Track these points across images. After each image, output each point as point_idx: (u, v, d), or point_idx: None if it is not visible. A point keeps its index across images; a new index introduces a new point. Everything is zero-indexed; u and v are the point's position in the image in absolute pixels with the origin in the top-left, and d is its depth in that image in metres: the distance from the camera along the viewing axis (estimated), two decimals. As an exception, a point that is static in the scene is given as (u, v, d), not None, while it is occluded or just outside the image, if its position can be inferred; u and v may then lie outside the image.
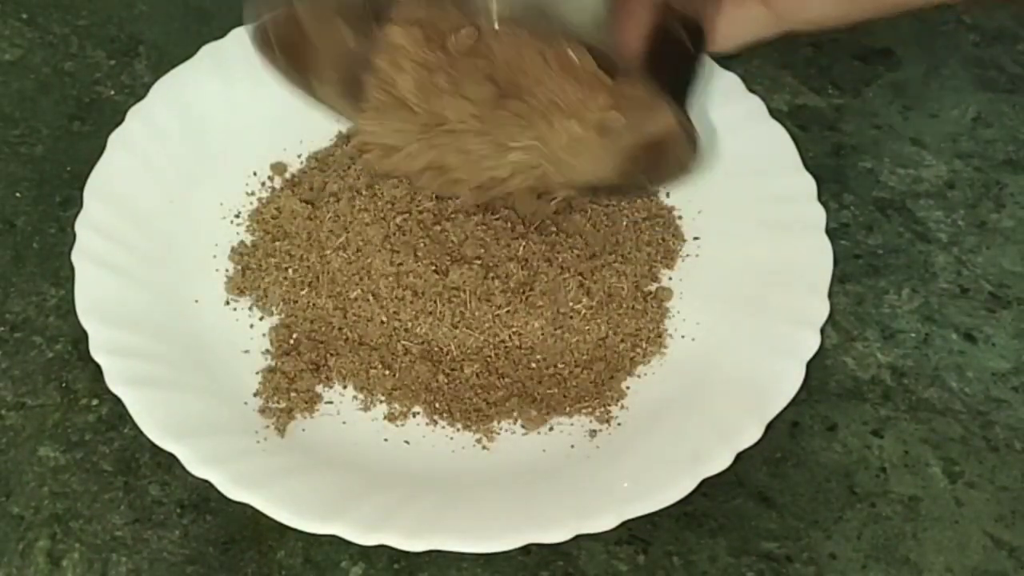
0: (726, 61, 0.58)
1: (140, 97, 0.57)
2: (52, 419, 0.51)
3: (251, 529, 0.48)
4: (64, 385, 0.52)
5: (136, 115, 0.56)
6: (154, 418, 0.48)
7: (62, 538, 0.48)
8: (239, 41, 0.58)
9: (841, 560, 0.49)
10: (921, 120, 0.56)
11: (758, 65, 0.63)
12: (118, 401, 0.48)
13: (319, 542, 0.48)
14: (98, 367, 0.49)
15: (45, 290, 0.54)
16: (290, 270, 0.53)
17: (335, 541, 0.47)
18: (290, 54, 0.50)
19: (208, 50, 0.58)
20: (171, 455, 0.47)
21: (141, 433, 0.48)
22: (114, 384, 0.48)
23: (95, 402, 0.51)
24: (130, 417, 0.48)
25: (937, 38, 0.65)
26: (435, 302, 0.51)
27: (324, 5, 0.49)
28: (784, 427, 0.51)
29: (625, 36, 0.46)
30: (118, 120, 0.56)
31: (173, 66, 0.58)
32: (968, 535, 0.49)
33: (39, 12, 0.64)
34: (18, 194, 0.57)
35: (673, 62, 0.47)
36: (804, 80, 0.63)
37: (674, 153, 0.50)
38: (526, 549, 0.47)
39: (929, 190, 0.59)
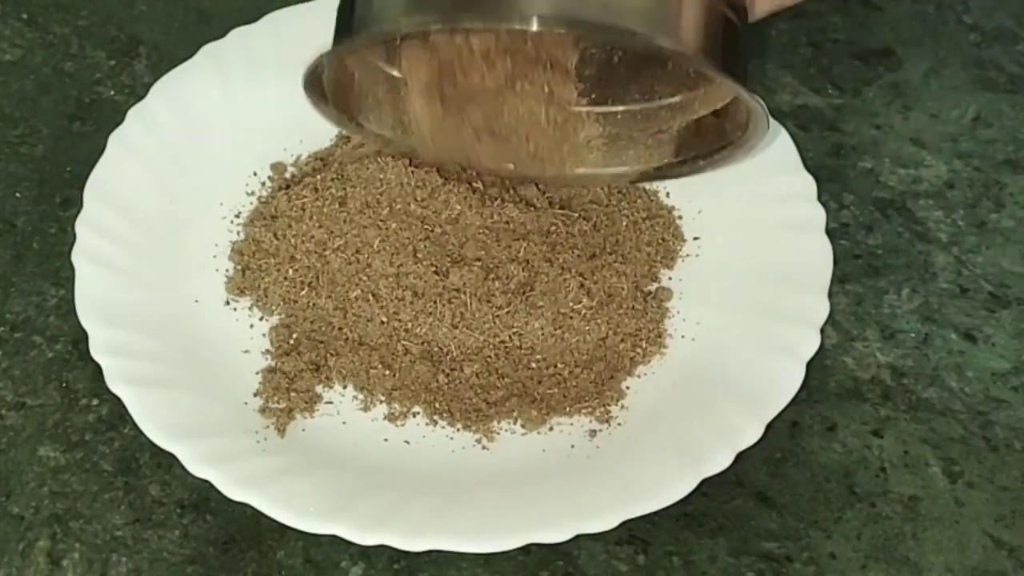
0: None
1: (140, 97, 0.57)
2: (52, 419, 0.51)
3: (251, 529, 0.48)
4: (64, 385, 0.52)
5: (136, 115, 0.56)
6: (154, 418, 0.48)
7: (62, 538, 0.48)
8: (239, 41, 0.59)
9: (841, 560, 0.49)
10: (921, 120, 0.56)
11: (758, 65, 0.63)
12: (118, 401, 0.48)
13: (319, 542, 0.48)
14: (98, 367, 0.49)
15: (45, 290, 0.54)
16: (290, 270, 0.53)
17: (335, 541, 0.47)
18: (338, 98, 0.52)
19: (208, 50, 0.58)
20: (171, 455, 0.47)
21: (141, 433, 0.48)
22: (114, 384, 0.49)
23: (95, 402, 0.51)
24: (130, 417, 0.48)
25: (937, 38, 0.65)
26: (435, 303, 0.51)
27: (366, 49, 0.51)
28: (784, 427, 0.51)
29: (680, 19, 0.46)
30: (118, 120, 0.56)
31: (173, 66, 0.58)
32: (968, 535, 0.49)
33: (39, 12, 0.64)
34: (18, 194, 0.57)
35: (724, 40, 0.47)
36: (804, 80, 0.63)
37: (735, 125, 0.51)
38: (526, 549, 0.47)
39: (929, 190, 0.59)
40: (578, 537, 0.46)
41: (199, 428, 0.48)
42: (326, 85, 0.51)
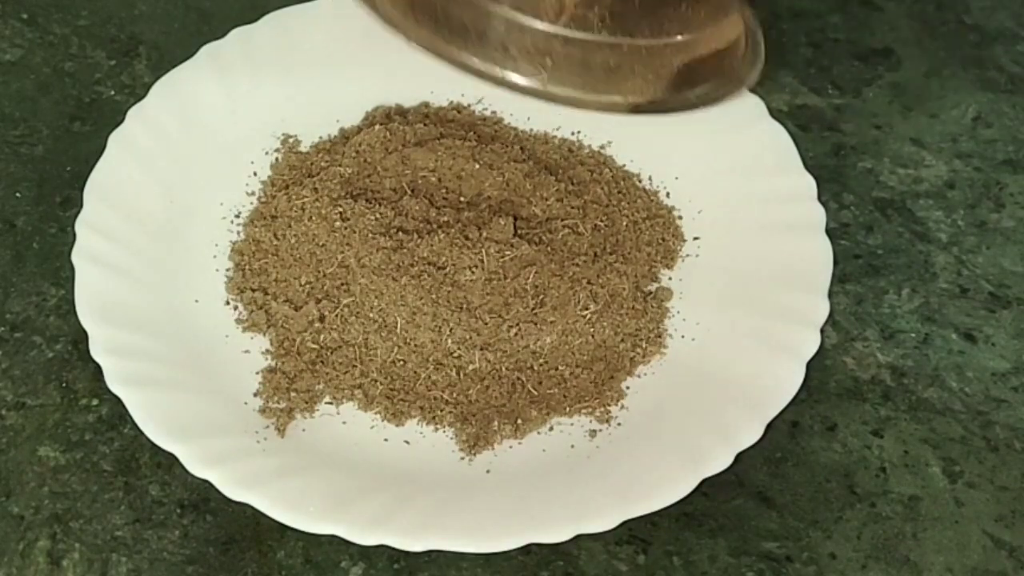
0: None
1: (140, 97, 0.57)
2: (52, 419, 0.51)
3: (251, 529, 0.48)
4: (64, 385, 0.52)
5: (136, 115, 0.56)
6: (154, 418, 0.48)
7: (62, 538, 0.48)
8: (239, 41, 0.59)
9: (841, 560, 0.49)
10: (921, 120, 0.56)
11: (758, 65, 0.63)
12: (118, 401, 0.48)
13: (319, 542, 0.48)
14: (98, 367, 0.49)
15: (45, 290, 0.54)
16: (290, 271, 0.53)
17: (335, 541, 0.47)
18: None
19: (208, 50, 0.58)
20: (171, 455, 0.47)
21: (141, 433, 0.48)
22: (114, 384, 0.48)
23: (95, 402, 0.51)
24: (130, 417, 0.48)
25: (937, 38, 0.65)
26: (441, 316, 0.51)
27: None
28: (784, 427, 0.51)
29: None
30: (118, 120, 0.56)
31: (173, 66, 0.58)
32: (968, 535, 0.49)
33: (39, 12, 0.64)
34: (18, 194, 0.57)
35: None
36: (804, 80, 0.63)
37: (732, 64, 0.52)
38: (526, 549, 0.47)
39: (929, 190, 0.59)
40: (578, 537, 0.46)
41: (199, 428, 0.48)
42: None
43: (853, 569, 0.48)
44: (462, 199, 0.55)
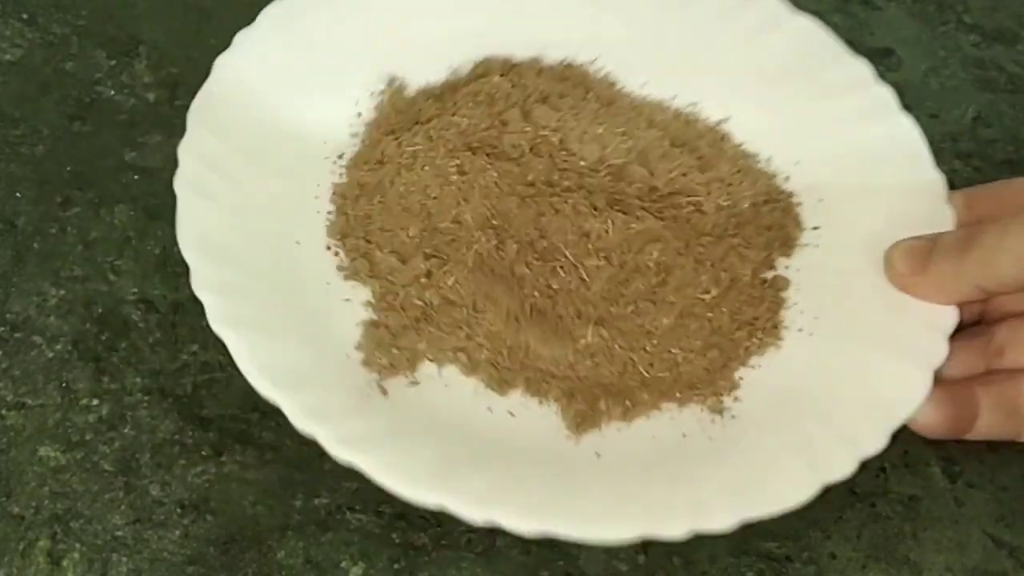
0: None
1: (140, 97, 0.57)
2: (52, 419, 0.51)
3: (251, 529, 0.48)
4: (64, 385, 0.52)
5: (243, 40, 0.53)
6: (258, 364, 0.45)
7: (62, 538, 0.48)
8: None
9: (841, 560, 0.49)
10: (921, 120, 0.56)
11: (758, 65, 0.63)
12: (118, 401, 0.48)
13: (319, 542, 0.48)
14: (98, 366, 0.49)
15: (45, 290, 0.54)
16: (397, 222, 0.51)
17: (335, 541, 0.47)
18: None
19: None
20: (171, 454, 0.47)
21: (141, 433, 0.48)
22: (217, 324, 0.45)
23: (95, 402, 0.51)
24: (131, 418, 0.48)
25: (937, 38, 0.65)
26: (554, 291, 0.49)
27: None
28: (784, 427, 0.51)
29: None
30: (118, 120, 0.56)
31: (173, 66, 0.58)
32: (968, 535, 0.49)
33: (39, 12, 0.64)
34: (18, 194, 0.57)
35: None
36: (804, 80, 0.63)
37: None
38: (526, 549, 0.47)
39: (929, 190, 0.59)
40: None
41: (303, 379, 0.45)
42: None
43: (853, 569, 0.48)
44: (582, 163, 0.52)
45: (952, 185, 0.59)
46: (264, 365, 0.44)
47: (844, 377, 0.48)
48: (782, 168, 0.55)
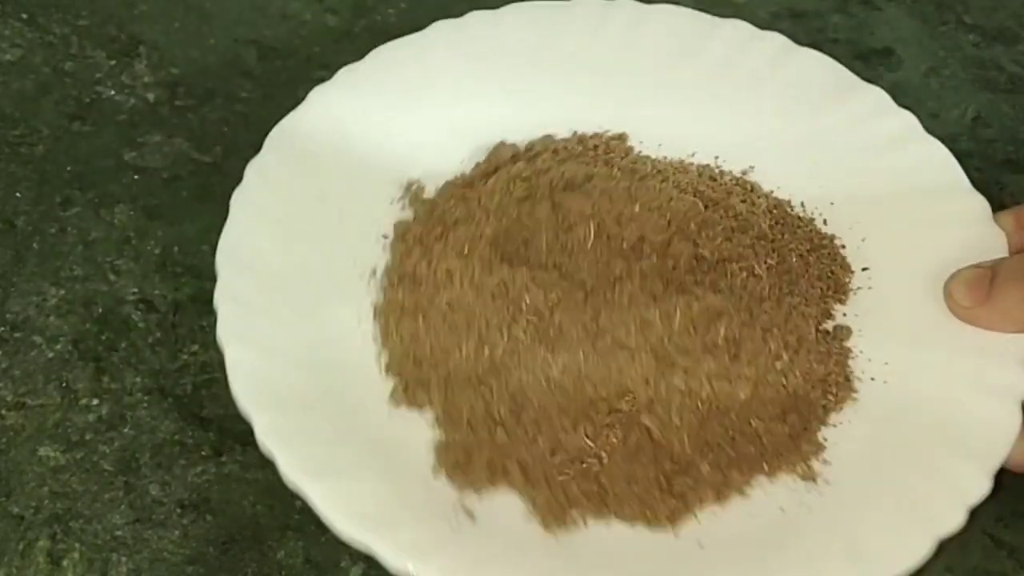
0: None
1: (140, 97, 0.57)
2: (52, 419, 0.51)
3: (251, 529, 0.48)
4: (64, 385, 0.52)
5: (255, 171, 0.51)
6: (343, 511, 0.43)
7: (62, 538, 0.48)
8: (346, 82, 0.54)
9: (841, 560, 0.49)
10: (921, 120, 0.56)
11: (758, 65, 0.63)
12: (118, 401, 0.48)
13: (319, 542, 0.48)
14: (98, 366, 0.49)
15: (45, 290, 0.54)
16: (447, 341, 0.49)
17: (335, 541, 0.47)
18: None
19: (316, 94, 0.54)
20: (171, 454, 0.47)
21: (141, 433, 0.48)
22: (296, 475, 0.44)
23: (95, 402, 0.51)
24: (131, 417, 0.48)
25: (937, 38, 0.65)
26: (624, 375, 0.47)
27: None
28: (784, 427, 0.51)
29: None
30: (118, 120, 0.56)
31: (173, 66, 0.58)
32: (968, 535, 0.49)
33: (39, 12, 0.64)
34: (18, 194, 0.57)
35: None
36: (804, 80, 0.63)
37: None
38: None
39: (929, 190, 0.59)
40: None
41: (391, 516, 0.44)
42: None
43: (853, 569, 0.48)
44: (624, 245, 0.50)
45: (952, 185, 0.59)
46: (349, 511, 0.43)
47: (929, 423, 0.47)
48: (817, 210, 0.54)
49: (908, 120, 0.54)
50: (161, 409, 0.51)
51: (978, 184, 0.59)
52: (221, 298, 0.48)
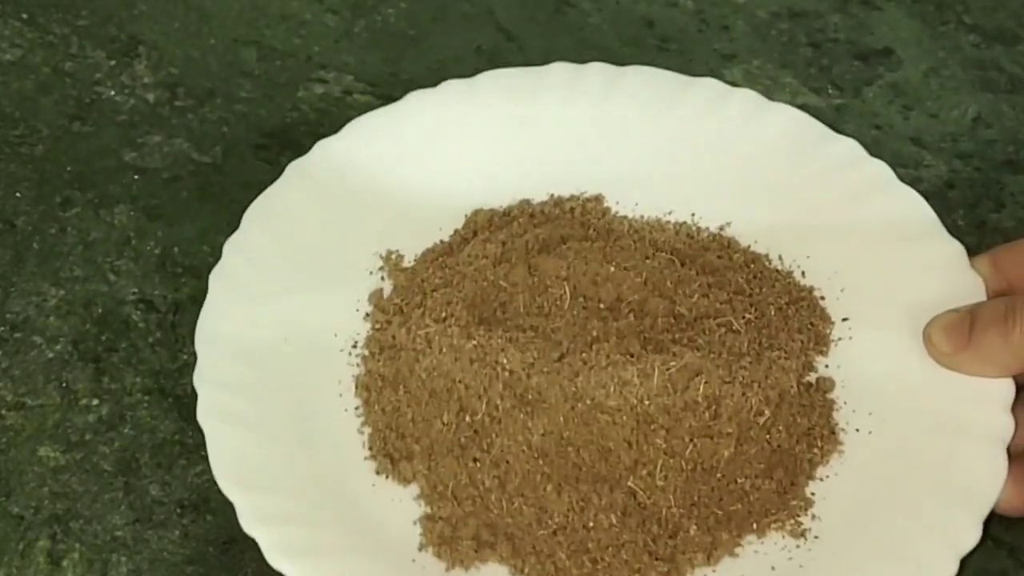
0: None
1: (140, 97, 0.57)
2: (52, 419, 0.51)
3: (251, 529, 0.48)
4: (64, 385, 0.52)
5: (233, 248, 0.51)
6: None
7: (62, 538, 0.48)
8: (323, 157, 0.54)
9: (841, 560, 0.49)
10: (921, 120, 0.56)
11: (758, 65, 0.63)
12: (118, 401, 0.48)
13: (319, 542, 0.48)
14: (98, 366, 0.49)
15: (45, 290, 0.54)
16: (427, 412, 0.49)
17: (335, 541, 0.47)
18: None
19: (294, 168, 0.54)
20: (171, 454, 0.47)
21: (141, 433, 0.48)
22: (275, 558, 0.44)
23: (95, 402, 0.51)
24: (131, 418, 0.48)
25: (937, 38, 0.65)
26: (605, 436, 0.47)
27: None
28: (784, 427, 0.51)
29: None
30: (118, 120, 0.56)
31: (173, 66, 0.58)
32: (968, 535, 0.49)
33: (39, 12, 0.64)
34: (18, 194, 0.57)
35: None
36: (804, 80, 0.63)
37: None
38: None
39: (929, 190, 0.59)
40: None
41: None
42: None
43: (853, 569, 0.48)
44: (601, 305, 0.50)
45: (952, 185, 0.59)
46: None
47: (917, 472, 0.47)
48: (795, 264, 0.53)
49: (881, 169, 0.54)
50: (161, 409, 0.51)
51: (978, 184, 0.59)
52: (200, 379, 0.48)
